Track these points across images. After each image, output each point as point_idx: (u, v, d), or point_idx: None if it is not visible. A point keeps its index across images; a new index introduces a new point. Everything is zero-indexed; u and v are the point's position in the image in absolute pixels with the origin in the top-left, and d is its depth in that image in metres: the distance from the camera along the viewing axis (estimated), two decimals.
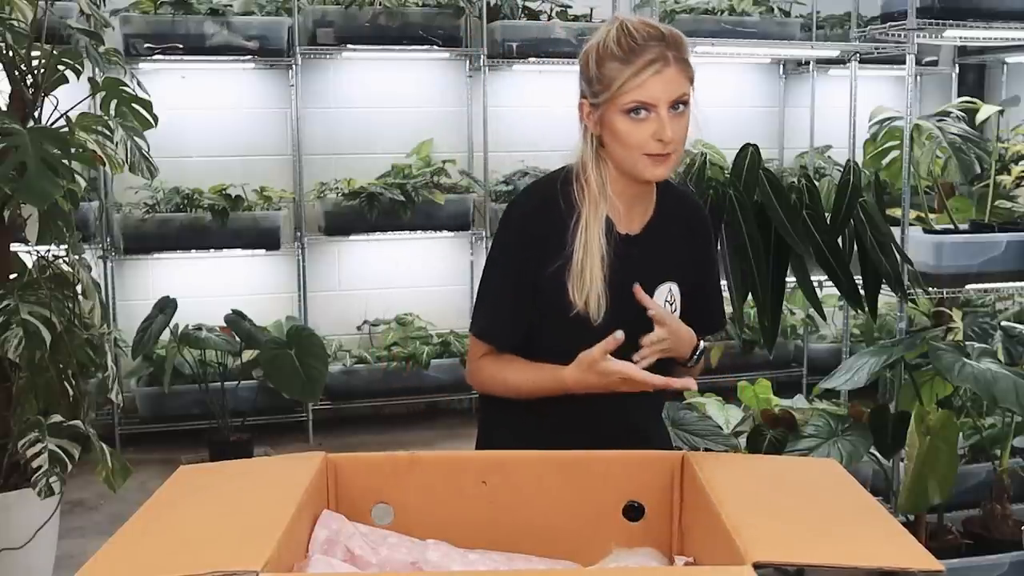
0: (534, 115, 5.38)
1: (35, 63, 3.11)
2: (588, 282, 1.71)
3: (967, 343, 3.10)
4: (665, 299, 1.78)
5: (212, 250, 4.94)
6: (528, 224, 1.78)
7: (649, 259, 1.79)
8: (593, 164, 1.74)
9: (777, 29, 5.38)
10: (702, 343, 1.82)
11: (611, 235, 1.74)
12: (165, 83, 4.95)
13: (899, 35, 3.50)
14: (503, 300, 1.79)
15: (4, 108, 3.11)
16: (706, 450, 2.72)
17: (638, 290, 1.71)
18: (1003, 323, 3.56)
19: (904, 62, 3.47)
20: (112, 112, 3.19)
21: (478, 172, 5.35)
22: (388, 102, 5.43)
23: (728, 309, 2.08)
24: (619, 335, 1.65)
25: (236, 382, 4.86)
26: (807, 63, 5.60)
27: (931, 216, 3.66)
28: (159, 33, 4.80)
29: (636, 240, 1.79)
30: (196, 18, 4.83)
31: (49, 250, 3.16)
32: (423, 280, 5.55)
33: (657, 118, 1.67)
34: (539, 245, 1.74)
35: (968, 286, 3.49)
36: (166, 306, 4.64)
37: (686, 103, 1.71)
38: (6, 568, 2.96)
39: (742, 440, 3.11)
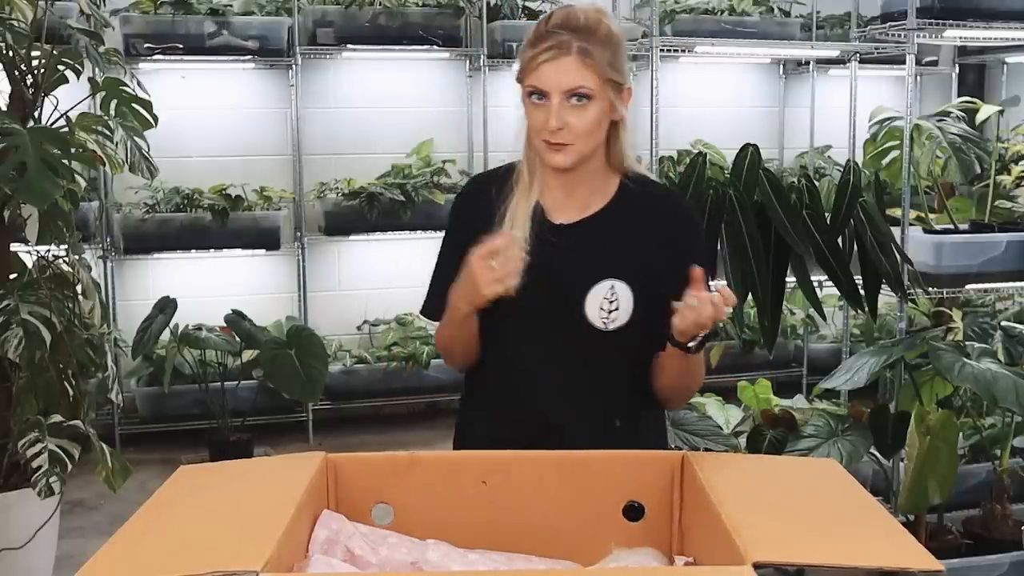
0: None
1: (35, 63, 3.11)
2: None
3: (967, 343, 3.10)
4: (604, 296, 1.72)
5: (212, 250, 4.94)
6: (460, 209, 1.86)
7: (580, 252, 1.75)
8: (526, 146, 1.75)
9: (777, 29, 5.38)
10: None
11: (540, 221, 1.74)
12: (165, 83, 4.95)
13: (899, 35, 3.50)
14: (440, 281, 1.82)
15: (4, 108, 3.11)
16: (706, 450, 2.72)
17: (697, 272, 1.62)
18: (1003, 323, 3.56)
19: (904, 62, 3.47)
20: (112, 112, 3.19)
21: (478, 172, 5.34)
22: (388, 102, 5.43)
23: (728, 309, 2.03)
24: (514, 236, 1.64)
25: (236, 382, 4.86)
26: (807, 63, 5.60)
27: (931, 216, 3.66)
28: (159, 33, 4.79)
29: (566, 230, 1.76)
30: (196, 18, 4.83)
31: (49, 250, 3.15)
32: (423, 280, 5.49)
33: (549, 105, 1.66)
34: (468, 228, 1.76)
35: (968, 286, 3.49)
36: (166, 306, 4.64)
37: (588, 96, 1.65)
38: (6, 568, 2.96)
39: (742, 440, 3.11)
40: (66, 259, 3.17)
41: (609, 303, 1.73)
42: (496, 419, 1.82)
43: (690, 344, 1.68)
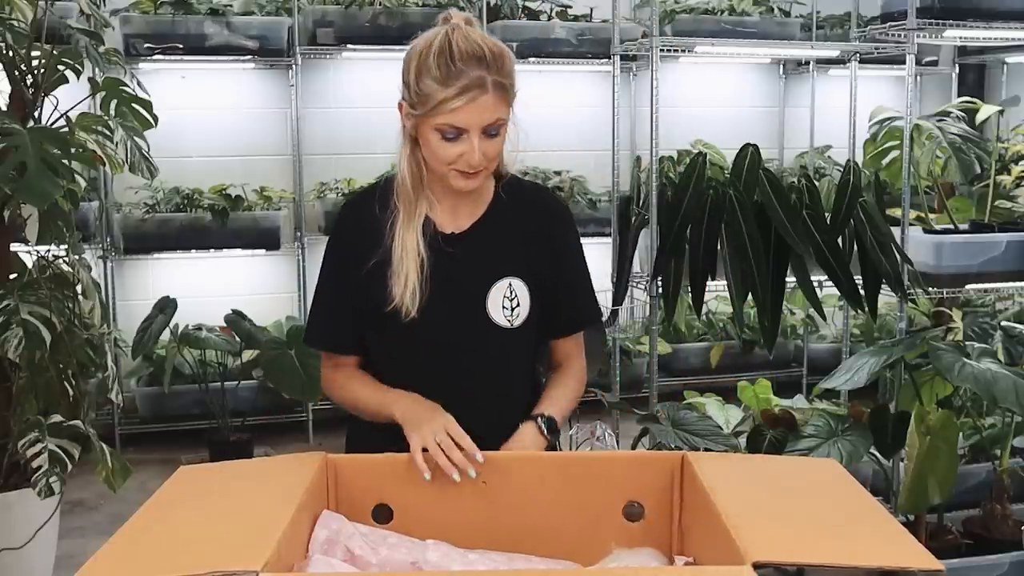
0: (533, 115, 5.34)
1: (35, 63, 3.11)
2: (403, 278, 1.71)
3: (967, 343, 3.10)
4: (504, 295, 1.77)
5: (212, 250, 4.94)
6: (341, 229, 1.85)
7: (476, 256, 1.78)
8: (409, 162, 1.74)
9: (777, 29, 5.38)
10: (542, 418, 1.76)
11: (431, 234, 1.75)
12: (165, 83, 4.95)
13: (899, 35, 3.50)
14: (327, 305, 1.85)
15: (4, 108, 3.11)
16: (706, 450, 2.72)
17: None
18: (1003, 323, 3.56)
19: (904, 62, 3.47)
20: (112, 112, 3.19)
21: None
22: (388, 102, 5.29)
23: (728, 309, 2.06)
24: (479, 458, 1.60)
25: (236, 382, 4.86)
26: (807, 63, 5.60)
27: (931, 216, 3.66)
28: (159, 33, 4.79)
29: (460, 238, 1.78)
30: (196, 18, 4.83)
31: (49, 250, 3.15)
32: None
33: (468, 141, 1.65)
34: (352, 246, 1.79)
35: (968, 286, 3.49)
36: (166, 306, 4.64)
37: (502, 125, 1.68)
38: (6, 568, 2.96)
39: (742, 440, 3.11)
40: (66, 259, 3.16)
41: (510, 301, 1.78)
42: (392, 426, 1.73)
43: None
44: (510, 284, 1.78)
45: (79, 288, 3.15)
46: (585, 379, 1.92)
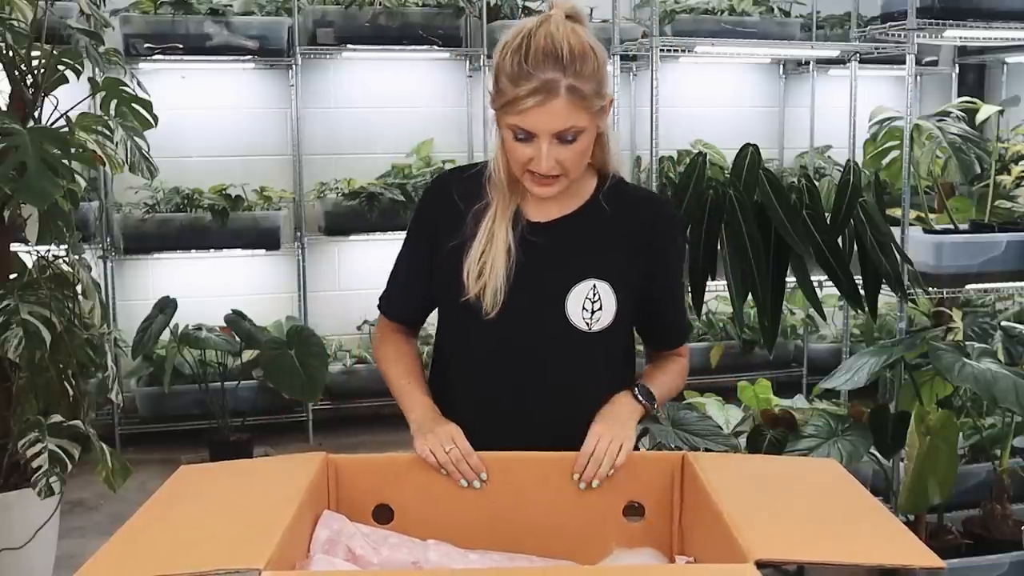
0: None
1: (35, 63, 3.11)
2: (487, 273, 1.66)
3: (967, 343, 3.10)
4: (585, 296, 1.68)
5: (212, 250, 4.94)
6: (423, 207, 1.81)
7: (560, 251, 1.71)
8: (502, 153, 1.67)
9: (777, 29, 5.38)
10: (638, 388, 1.74)
11: (518, 223, 1.70)
12: (165, 83, 4.95)
13: (899, 35, 3.50)
14: (398, 275, 1.84)
15: (4, 108, 3.11)
16: (706, 450, 2.72)
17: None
18: (1003, 323, 3.56)
19: (904, 62, 3.47)
20: (112, 112, 3.19)
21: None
22: (388, 102, 5.43)
23: (728, 309, 2.05)
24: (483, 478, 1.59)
25: (236, 382, 4.86)
26: (807, 63, 5.60)
27: (931, 216, 3.66)
28: (159, 33, 4.79)
29: (545, 228, 1.71)
30: (196, 18, 4.83)
31: (49, 250, 3.15)
32: None
33: (537, 146, 1.59)
34: (431, 227, 1.76)
35: (968, 286, 3.49)
36: (166, 306, 4.64)
37: (579, 132, 1.59)
38: (6, 568, 2.96)
39: (742, 440, 3.11)
40: (66, 259, 3.16)
41: (592, 303, 1.69)
42: (469, 414, 1.72)
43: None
44: (594, 286, 1.68)
45: (79, 288, 3.15)
46: (686, 375, 1.86)
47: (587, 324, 1.68)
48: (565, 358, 1.71)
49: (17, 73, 3.10)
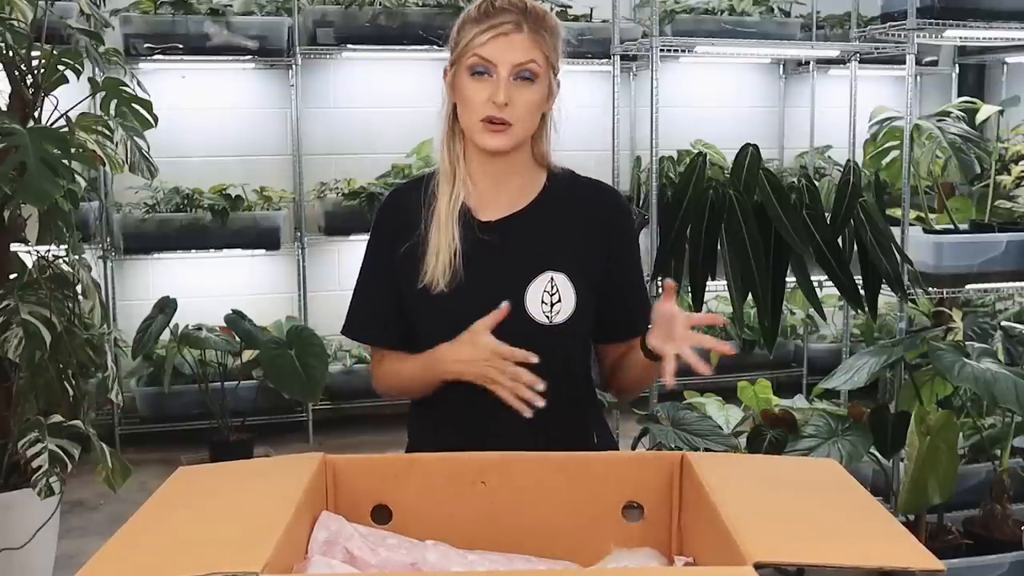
0: None
1: (35, 63, 3.11)
2: (434, 255, 1.69)
3: (967, 343, 3.10)
4: (544, 289, 1.69)
5: (212, 250, 4.94)
6: (382, 216, 1.82)
7: (515, 247, 1.72)
8: (447, 139, 1.74)
9: (777, 29, 5.38)
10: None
11: (467, 221, 1.71)
12: (165, 83, 4.95)
13: (899, 35, 3.50)
14: (364, 294, 1.81)
15: (4, 108, 3.11)
16: (706, 450, 2.72)
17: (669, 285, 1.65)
18: (1003, 323, 3.56)
19: (904, 62, 3.47)
20: (112, 112, 3.19)
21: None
22: (388, 102, 5.43)
23: (728, 309, 2.05)
24: (505, 306, 1.63)
25: (236, 382, 4.86)
26: (807, 63, 5.60)
27: (931, 216, 3.66)
28: (159, 33, 4.79)
29: (497, 226, 1.73)
30: (196, 18, 4.83)
31: (49, 250, 3.15)
32: None
33: (496, 81, 1.65)
34: (391, 232, 1.76)
35: (968, 286, 3.49)
36: (166, 306, 4.64)
37: (535, 76, 1.67)
38: (6, 568, 2.96)
39: (742, 440, 3.11)
40: (66, 259, 3.17)
41: (551, 296, 1.70)
42: (445, 426, 1.76)
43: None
44: (552, 279, 1.69)
45: (79, 288, 3.15)
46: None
47: (547, 318, 1.69)
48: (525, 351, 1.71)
49: (17, 73, 3.10)
